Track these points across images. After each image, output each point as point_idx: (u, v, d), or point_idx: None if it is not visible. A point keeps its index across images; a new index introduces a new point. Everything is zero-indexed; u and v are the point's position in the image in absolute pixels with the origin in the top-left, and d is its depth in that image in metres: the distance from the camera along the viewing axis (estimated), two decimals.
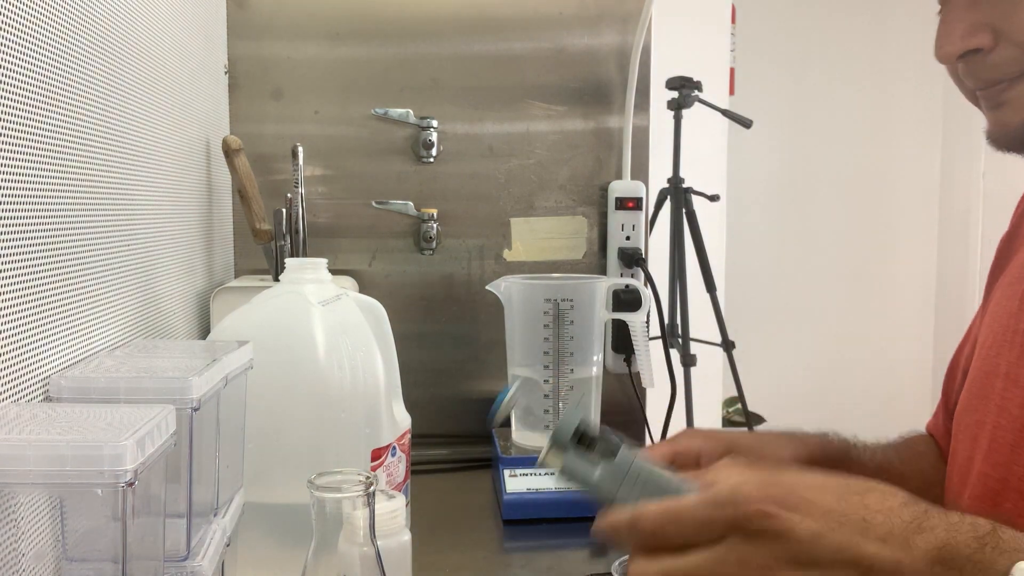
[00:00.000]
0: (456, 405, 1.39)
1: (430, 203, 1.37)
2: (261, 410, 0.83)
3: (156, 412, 0.56)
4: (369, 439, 0.88)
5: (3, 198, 0.61)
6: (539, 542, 1.06)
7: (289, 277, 0.91)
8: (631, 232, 1.38)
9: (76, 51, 0.75)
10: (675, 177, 2.48)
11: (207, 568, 0.66)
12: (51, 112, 0.69)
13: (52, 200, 0.69)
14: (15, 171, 0.62)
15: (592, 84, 1.39)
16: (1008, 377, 0.72)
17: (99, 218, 0.80)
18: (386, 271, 1.38)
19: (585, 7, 1.38)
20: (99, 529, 0.56)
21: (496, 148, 1.38)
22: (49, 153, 0.69)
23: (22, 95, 0.64)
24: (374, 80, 1.35)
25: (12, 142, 0.62)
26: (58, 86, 0.70)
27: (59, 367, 0.68)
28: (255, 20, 1.33)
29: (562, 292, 1.17)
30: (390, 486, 0.92)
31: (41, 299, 0.66)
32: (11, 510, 0.57)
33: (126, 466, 0.50)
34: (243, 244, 1.35)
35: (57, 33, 0.70)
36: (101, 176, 0.81)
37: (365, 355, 0.89)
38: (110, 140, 0.83)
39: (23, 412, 0.57)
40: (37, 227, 0.66)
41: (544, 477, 1.12)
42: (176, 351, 0.78)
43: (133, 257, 0.89)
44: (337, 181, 1.36)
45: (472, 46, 1.37)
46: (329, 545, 0.61)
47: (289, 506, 0.81)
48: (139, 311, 0.90)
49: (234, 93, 1.34)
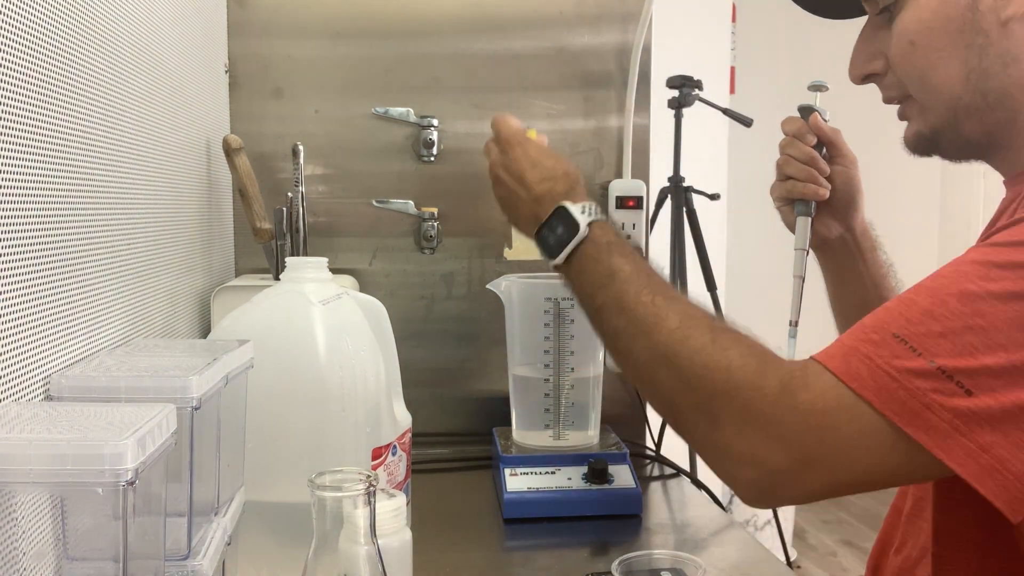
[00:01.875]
0: (456, 404, 1.39)
1: (430, 202, 1.37)
2: (262, 409, 0.83)
3: (157, 411, 0.56)
4: (370, 438, 0.88)
5: (3, 197, 0.61)
6: (539, 541, 1.06)
7: (290, 276, 0.91)
8: (632, 231, 1.38)
9: (76, 50, 0.75)
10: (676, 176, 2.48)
11: (208, 567, 0.66)
12: (52, 111, 0.69)
13: (53, 199, 0.69)
14: (16, 171, 0.63)
15: (592, 83, 1.39)
16: None
17: (100, 217, 0.80)
18: (387, 270, 1.38)
19: (585, 6, 1.38)
20: (100, 528, 0.56)
21: None
22: (50, 152, 0.69)
23: (23, 94, 0.64)
24: (374, 79, 1.35)
25: (12, 141, 0.62)
26: (59, 85, 0.70)
27: (60, 366, 0.68)
28: (255, 19, 1.33)
29: (563, 291, 1.16)
30: (391, 485, 0.92)
31: (42, 298, 0.66)
32: (12, 509, 0.57)
33: (127, 465, 0.50)
34: (244, 243, 1.35)
35: (58, 33, 0.70)
36: (102, 175, 0.81)
37: (366, 354, 0.89)
38: (110, 139, 0.83)
39: (24, 411, 0.57)
40: (38, 226, 0.66)
41: (545, 476, 1.13)
42: (177, 350, 0.78)
43: (134, 256, 0.89)
44: (337, 180, 1.36)
45: (472, 45, 1.37)
46: (330, 544, 0.61)
47: (290, 505, 0.81)
48: (140, 310, 0.90)
49: (234, 92, 1.34)
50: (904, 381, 0.62)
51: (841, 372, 0.65)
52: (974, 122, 0.76)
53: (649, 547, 1.02)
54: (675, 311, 0.77)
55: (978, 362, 0.60)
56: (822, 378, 0.66)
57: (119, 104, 0.86)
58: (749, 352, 0.72)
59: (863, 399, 0.63)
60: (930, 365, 0.61)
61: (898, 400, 0.62)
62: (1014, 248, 0.64)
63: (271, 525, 0.84)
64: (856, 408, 0.64)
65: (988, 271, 0.63)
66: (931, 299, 0.64)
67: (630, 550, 0.81)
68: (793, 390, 0.67)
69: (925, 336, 0.62)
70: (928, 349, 0.62)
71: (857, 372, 0.64)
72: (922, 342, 0.62)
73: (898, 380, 0.62)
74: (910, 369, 0.62)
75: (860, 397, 0.64)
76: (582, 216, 0.90)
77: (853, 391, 0.64)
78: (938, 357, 0.61)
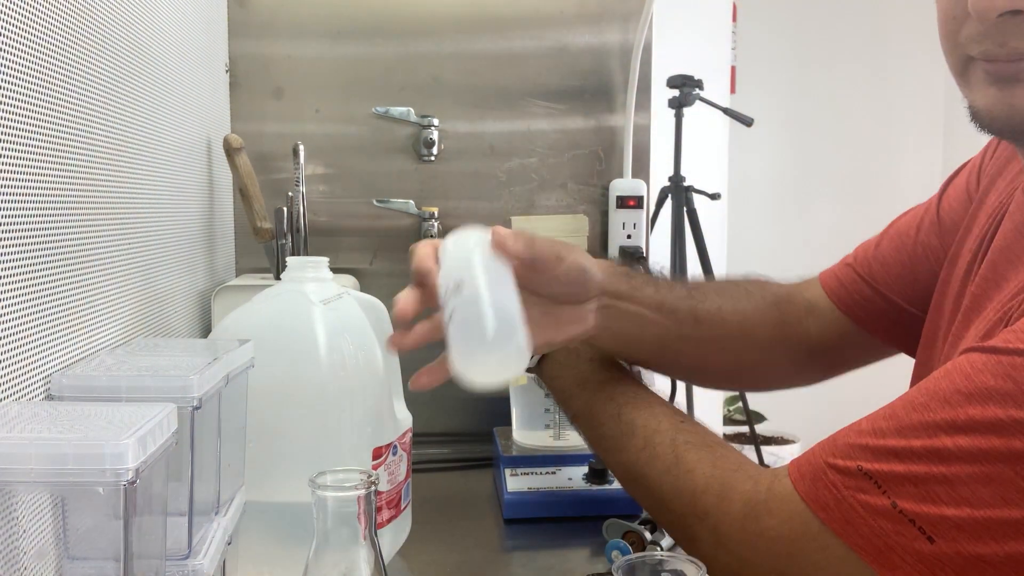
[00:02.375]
0: (457, 404, 1.39)
1: (431, 202, 1.37)
2: (262, 408, 0.83)
3: (157, 411, 0.56)
4: (370, 438, 0.88)
5: (4, 197, 0.61)
6: (540, 541, 1.06)
7: (290, 276, 0.91)
8: (632, 231, 1.38)
9: (77, 50, 0.75)
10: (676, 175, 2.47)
11: (208, 567, 0.66)
12: (53, 111, 0.69)
13: (54, 199, 0.69)
14: (17, 170, 0.62)
15: (593, 82, 1.39)
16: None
17: (101, 217, 0.80)
18: (387, 270, 1.38)
19: (586, 5, 1.38)
20: (101, 527, 0.56)
21: (497, 147, 1.38)
22: (51, 152, 0.69)
23: (24, 94, 0.64)
24: (375, 79, 1.35)
25: (13, 141, 0.62)
26: (59, 85, 0.70)
27: (60, 365, 0.68)
28: (256, 19, 1.33)
29: None
30: (391, 485, 0.92)
31: (42, 297, 0.66)
32: (12, 508, 0.57)
33: (127, 465, 0.50)
34: (244, 243, 1.35)
35: (58, 33, 0.70)
36: (103, 175, 0.81)
37: (366, 354, 0.89)
38: (111, 139, 0.83)
39: (24, 410, 0.57)
40: (39, 226, 0.66)
41: (545, 476, 1.13)
42: (177, 349, 0.78)
43: (134, 255, 0.89)
44: (338, 180, 1.36)
45: (473, 45, 1.37)
46: (330, 544, 0.61)
47: (290, 504, 0.81)
48: (140, 309, 0.90)
49: (235, 92, 1.34)
50: (868, 518, 0.61)
51: (809, 498, 0.64)
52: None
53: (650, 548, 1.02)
54: (640, 424, 0.77)
55: (940, 512, 0.58)
56: (789, 503, 0.65)
57: (120, 104, 0.85)
58: (712, 471, 0.71)
59: (830, 530, 0.63)
60: (893, 507, 0.60)
61: (863, 536, 0.61)
62: (1017, 360, 0.59)
63: (272, 525, 0.84)
64: (823, 537, 0.63)
65: (968, 401, 0.59)
66: (900, 432, 0.62)
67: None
68: (758, 515, 0.67)
69: (889, 476, 0.61)
70: (892, 489, 0.60)
71: (824, 501, 0.63)
72: (886, 480, 0.61)
73: (862, 516, 0.61)
74: (874, 508, 0.61)
75: (827, 527, 0.63)
76: None
77: (820, 520, 0.63)
78: (901, 499, 0.60)
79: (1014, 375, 0.58)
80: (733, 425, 3.46)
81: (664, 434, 0.76)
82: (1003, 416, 0.57)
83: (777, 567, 0.66)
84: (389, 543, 0.93)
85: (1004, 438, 0.57)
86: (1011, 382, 0.58)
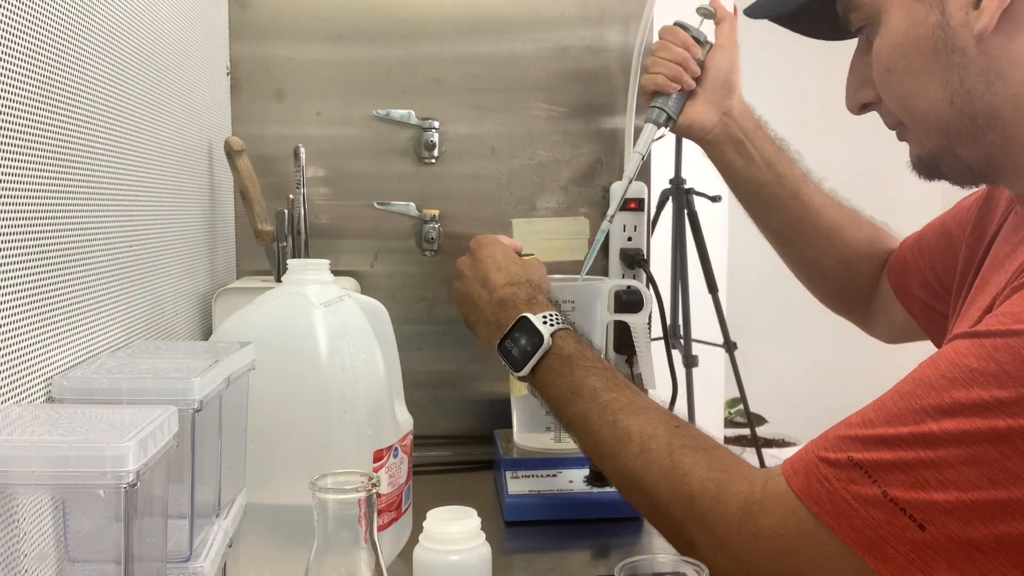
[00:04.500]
0: (458, 406, 1.39)
1: (432, 204, 1.37)
2: (263, 411, 0.83)
3: (158, 413, 0.56)
4: (371, 440, 0.88)
5: (5, 199, 0.61)
6: (541, 544, 1.05)
7: (291, 278, 0.91)
8: (633, 233, 1.38)
9: (78, 52, 0.75)
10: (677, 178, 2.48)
11: (209, 569, 0.66)
12: (53, 113, 0.69)
13: (54, 201, 0.69)
14: (17, 172, 0.63)
15: (594, 85, 1.39)
16: None
17: (101, 219, 0.80)
18: (388, 272, 1.38)
19: (587, 7, 1.38)
20: (101, 530, 0.56)
21: (498, 149, 1.38)
22: (51, 154, 0.69)
23: (24, 96, 0.64)
24: (376, 81, 1.35)
25: (14, 143, 0.62)
26: (60, 87, 0.70)
27: (61, 368, 0.68)
28: (257, 21, 1.33)
29: (563, 293, 1.17)
30: (392, 487, 0.92)
31: (43, 300, 0.66)
32: (13, 511, 0.57)
33: (128, 467, 0.50)
34: (245, 245, 1.35)
35: (59, 34, 0.70)
36: (103, 177, 0.81)
37: (367, 356, 0.89)
38: (112, 141, 0.83)
39: (25, 413, 0.57)
40: (39, 228, 0.66)
41: (546, 479, 1.12)
42: (178, 352, 0.78)
43: (135, 258, 0.89)
44: (339, 182, 1.36)
45: (474, 47, 1.37)
46: (331, 546, 0.61)
47: (291, 507, 0.81)
48: (141, 312, 0.90)
49: (236, 94, 1.34)
50: (860, 510, 0.62)
51: (803, 493, 0.65)
52: (969, 147, 0.73)
53: (651, 551, 1.02)
54: (636, 430, 0.78)
55: (929, 497, 0.59)
56: (783, 501, 0.66)
57: (121, 106, 0.86)
58: (708, 473, 0.72)
59: (824, 524, 0.63)
60: (883, 496, 0.61)
61: (856, 529, 0.62)
62: (999, 341, 0.60)
63: (273, 527, 0.84)
64: (818, 534, 0.64)
65: (952, 385, 0.60)
66: (888, 420, 0.62)
67: (632, 553, 0.80)
68: (754, 515, 0.68)
69: (878, 464, 0.61)
70: (882, 478, 0.61)
71: (817, 495, 0.64)
72: (875, 468, 0.61)
73: (855, 508, 0.62)
74: (865, 498, 0.61)
75: (821, 522, 0.63)
76: (544, 327, 0.91)
77: (814, 515, 0.64)
78: (891, 487, 0.61)
79: (996, 356, 0.59)
80: (734, 428, 3.46)
81: (660, 439, 0.77)
82: (987, 397, 0.58)
83: (775, 567, 0.67)
84: (390, 546, 0.93)
85: (987, 419, 0.58)
86: (993, 363, 0.59)
